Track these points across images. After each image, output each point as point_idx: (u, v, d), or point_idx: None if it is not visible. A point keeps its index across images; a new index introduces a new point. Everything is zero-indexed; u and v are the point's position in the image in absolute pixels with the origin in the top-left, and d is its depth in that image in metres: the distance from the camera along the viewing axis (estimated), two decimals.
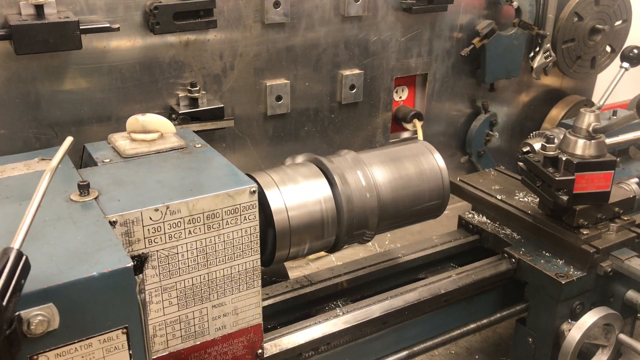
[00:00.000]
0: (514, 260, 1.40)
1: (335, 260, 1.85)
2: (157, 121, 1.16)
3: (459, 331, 1.38)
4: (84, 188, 0.95)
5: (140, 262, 0.93)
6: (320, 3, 1.80)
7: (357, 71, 1.93)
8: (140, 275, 0.93)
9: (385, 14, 1.92)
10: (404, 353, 1.33)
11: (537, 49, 2.21)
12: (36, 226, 0.83)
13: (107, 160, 1.09)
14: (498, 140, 2.34)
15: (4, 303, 0.65)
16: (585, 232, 1.36)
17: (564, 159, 1.33)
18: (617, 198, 1.40)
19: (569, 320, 1.37)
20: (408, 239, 1.83)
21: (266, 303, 1.26)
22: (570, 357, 1.34)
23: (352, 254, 1.70)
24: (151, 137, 1.15)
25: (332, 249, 1.25)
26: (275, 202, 1.13)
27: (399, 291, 1.33)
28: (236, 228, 1.01)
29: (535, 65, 2.22)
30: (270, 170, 1.20)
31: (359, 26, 1.89)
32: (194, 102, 1.65)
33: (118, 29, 1.50)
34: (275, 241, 1.14)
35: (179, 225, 0.95)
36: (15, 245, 0.69)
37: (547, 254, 1.40)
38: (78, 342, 0.78)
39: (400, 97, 2.11)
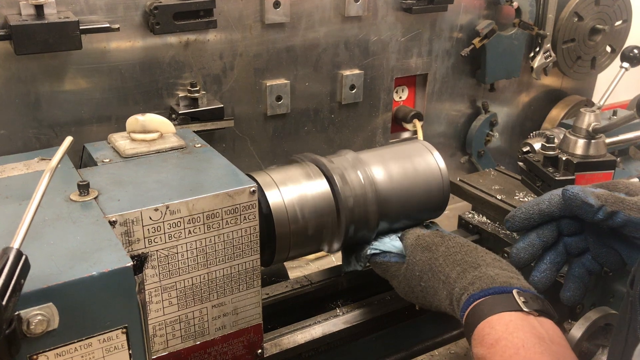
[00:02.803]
0: None
1: (335, 260, 1.85)
2: (157, 121, 1.17)
3: (459, 331, 1.38)
4: (83, 188, 0.95)
5: (140, 261, 0.93)
6: (320, 3, 1.80)
7: (357, 71, 1.93)
8: (140, 275, 0.93)
9: (385, 14, 1.92)
10: (404, 353, 1.33)
11: (537, 49, 2.21)
12: (36, 226, 0.83)
13: (107, 160, 1.09)
14: (498, 141, 2.34)
15: (4, 303, 0.65)
16: None
17: (564, 158, 1.33)
18: None
19: (569, 320, 1.36)
20: None
21: (266, 303, 1.26)
22: None
23: None
24: (151, 137, 1.15)
25: (332, 249, 1.25)
26: (275, 201, 1.14)
27: None
28: (236, 228, 1.01)
29: (535, 65, 2.22)
30: (270, 170, 1.20)
31: (359, 26, 1.89)
32: (193, 102, 1.65)
33: (118, 29, 1.49)
34: (275, 241, 1.14)
35: (179, 225, 0.95)
36: (15, 244, 0.69)
37: None
38: (78, 341, 0.78)
39: (400, 97, 2.11)
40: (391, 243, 1.23)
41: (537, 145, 1.87)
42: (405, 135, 2.16)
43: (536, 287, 1.15)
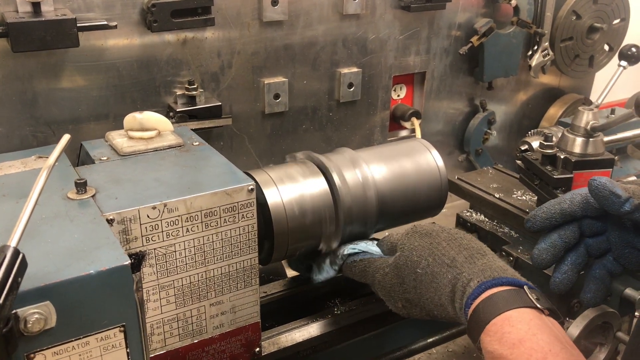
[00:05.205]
0: (512, 258, 1.40)
1: None
2: (154, 119, 1.16)
3: (457, 329, 1.38)
4: (81, 186, 0.94)
5: (137, 260, 0.93)
6: (319, 1, 1.80)
7: (355, 69, 1.93)
8: (138, 274, 0.93)
9: (384, 12, 1.92)
10: (402, 351, 1.33)
11: (535, 47, 2.21)
12: (33, 224, 0.82)
13: (105, 158, 1.09)
14: (496, 139, 2.34)
15: (1, 301, 0.64)
16: None
17: (562, 157, 1.33)
18: None
19: (567, 319, 1.36)
20: None
21: (264, 301, 1.26)
22: None
23: None
24: (149, 134, 1.15)
25: (330, 246, 1.25)
26: (273, 199, 1.13)
27: None
28: (234, 226, 1.01)
29: (533, 63, 2.22)
30: (268, 168, 1.20)
31: (357, 24, 1.89)
32: (191, 100, 1.64)
33: (115, 26, 1.49)
34: (273, 239, 1.14)
35: (177, 223, 0.95)
36: (12, 243, 0.69)
37: None
38: (75, 340, 0.78)
39: (398, 96, 2.11)
40: (367, 247, 1.20)
41: (535, 144, 1.87)
42: (403, 133, 2.15)
43: (557, 288, 1.14)
